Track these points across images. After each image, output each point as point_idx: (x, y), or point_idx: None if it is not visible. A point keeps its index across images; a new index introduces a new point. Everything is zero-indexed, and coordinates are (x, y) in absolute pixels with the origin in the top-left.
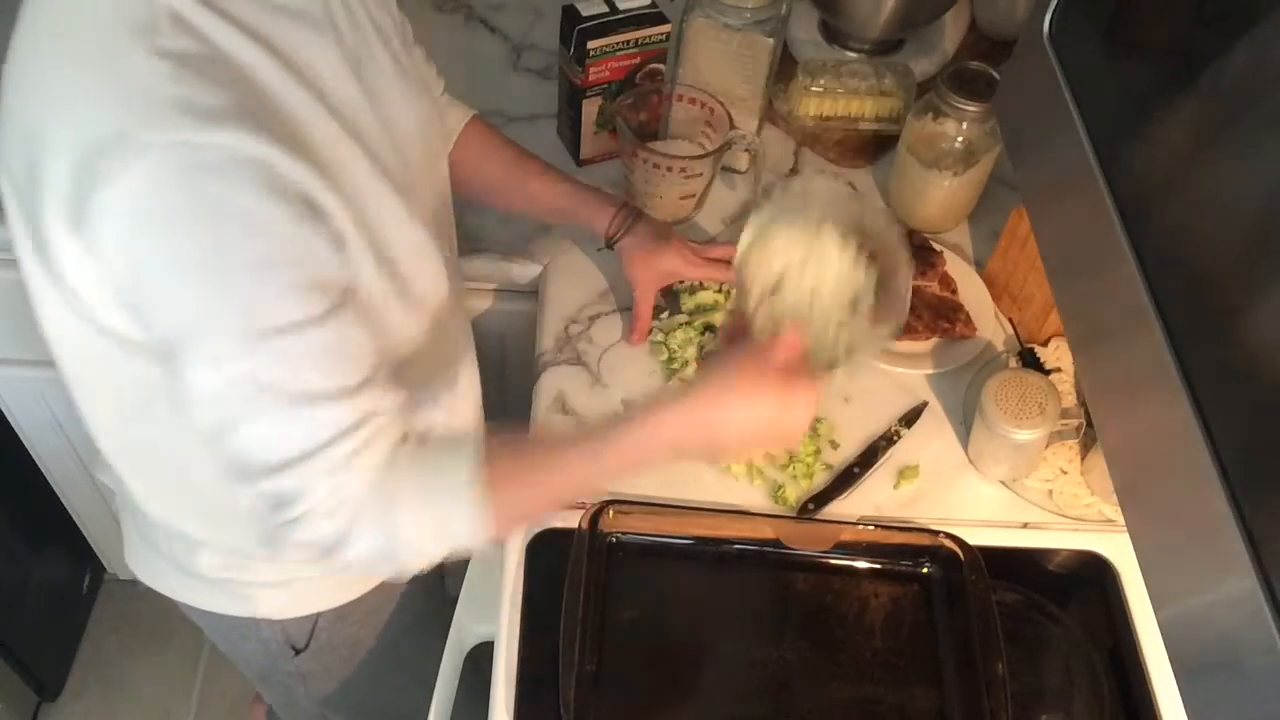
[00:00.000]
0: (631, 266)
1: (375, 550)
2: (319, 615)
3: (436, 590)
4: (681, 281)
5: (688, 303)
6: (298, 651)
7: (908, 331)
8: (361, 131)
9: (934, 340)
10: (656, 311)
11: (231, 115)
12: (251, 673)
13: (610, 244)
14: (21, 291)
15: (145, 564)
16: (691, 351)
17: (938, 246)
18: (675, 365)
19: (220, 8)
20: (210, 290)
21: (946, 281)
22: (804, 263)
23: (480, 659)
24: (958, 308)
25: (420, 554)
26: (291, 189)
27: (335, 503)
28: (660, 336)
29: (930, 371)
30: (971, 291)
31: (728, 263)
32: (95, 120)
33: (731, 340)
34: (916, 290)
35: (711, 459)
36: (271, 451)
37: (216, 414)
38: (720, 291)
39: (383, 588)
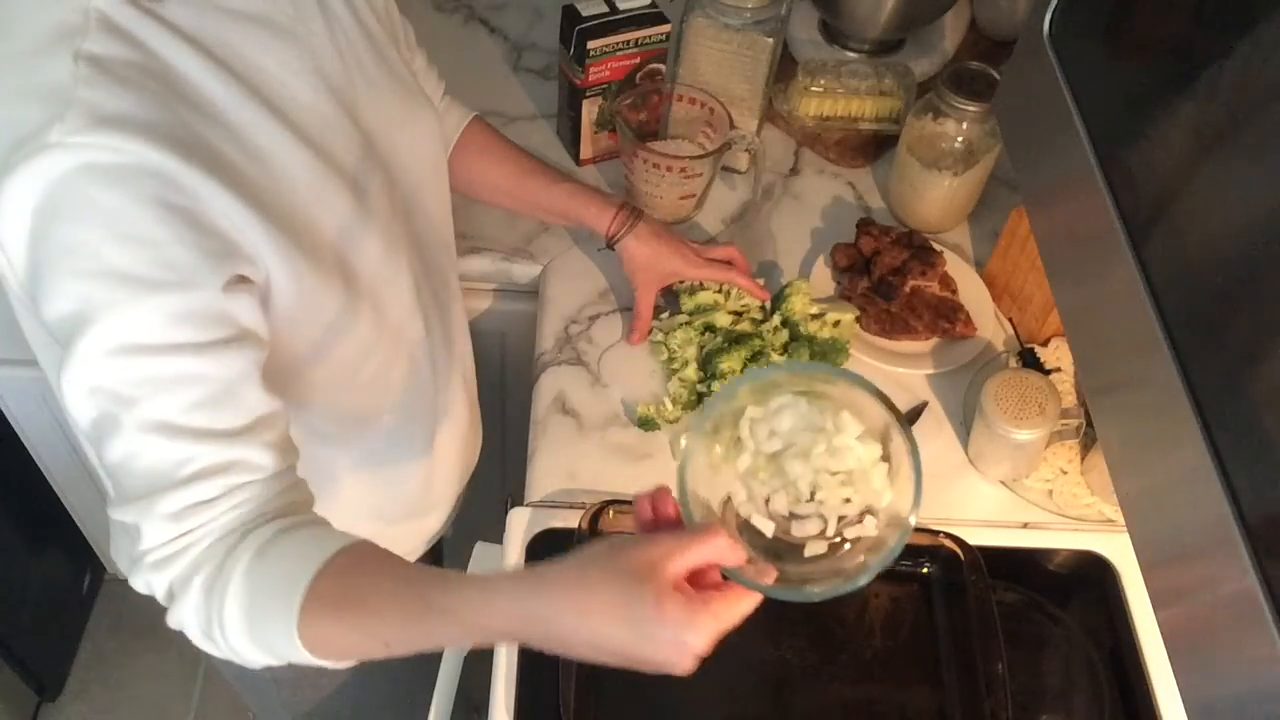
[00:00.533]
0: (632, 266)
1: (196, 629)
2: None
3: None
4: (682, 281)
5: (688, 303)
6: None
7: (907, 331)
8: (319, 138)
9: (934, 340)
10: (656, 311)
11: (142, 125)
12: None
13: (611, 244)
14: None
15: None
16: (691, 351)
17: (938, 247)
18: (675, 365)
19: (156, 13)
20: (90, 293)
21: (947, 282)
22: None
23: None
24: (958, 308)
25: (237, 654)
26: (199, 213)
27: (169, 554)
28: (660, 336)
29: (930, 372)
30: (971, 291)
31: (728, 263)
32: (13, 119)
33: (644, 526)
34: (917, 290)
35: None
36: (125, 477)
37: (83, 420)
38: (720, 291)
39: None
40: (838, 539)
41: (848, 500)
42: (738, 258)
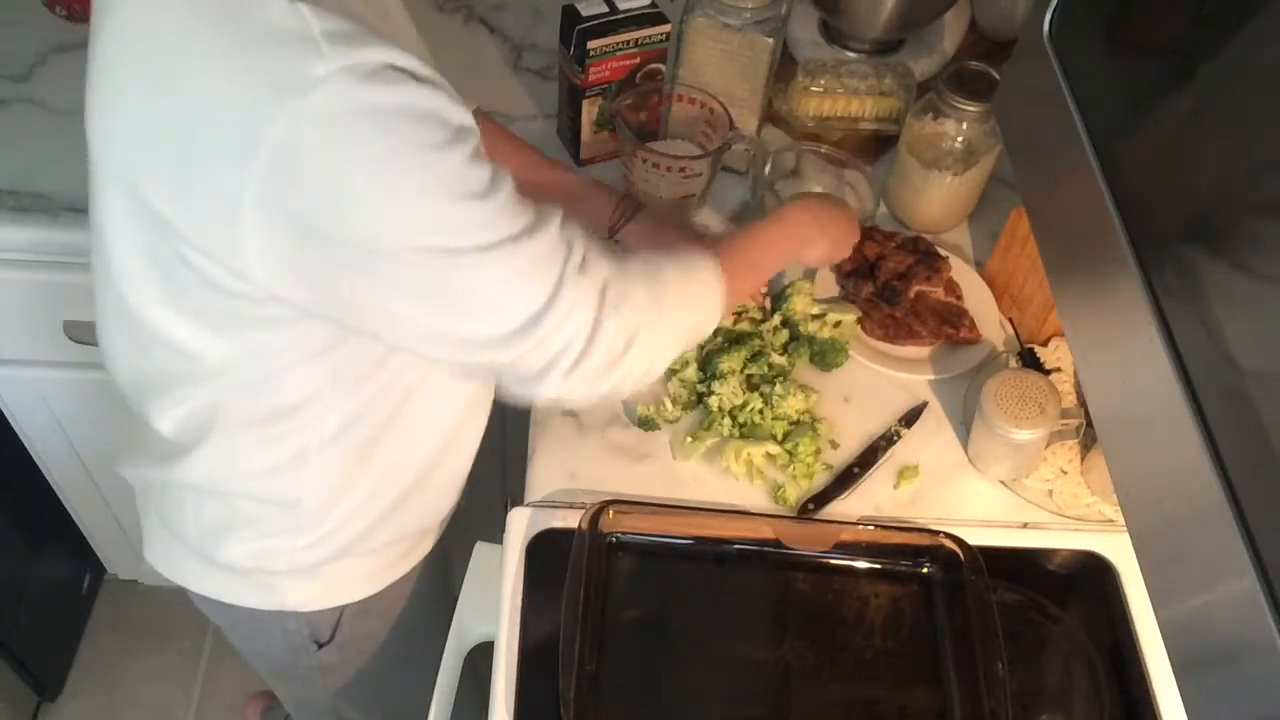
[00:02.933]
0: (630, 243)
1: (653, 344)
2: (344, 608)
3: (444, 589)
4: None
5: None
6: (321, 645)
7: (911, 336)
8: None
9: (937, 345)
10: None
11: (365, 35)
12: (268, 667)
13: (613, 233)
14: (21, 291)
15: (168, 557)
16: (691, 352)
17: (943, 252)
18: (675, 365)
19: None
20: (420, 177)
21: (951, 287)
22: None
23: (480, 659)
24: (962, 313)
25: (690, 338)
26: (428, 78)
27: (609, 301)
28: None
29: (933, 377)
30: (976, 297)
31: None
32: (251, 78)
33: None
34: (921, 296)
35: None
36: (535, 293)
37: (466, 298)
38: None
39: (402, 584)
40: None
41: None
42: None
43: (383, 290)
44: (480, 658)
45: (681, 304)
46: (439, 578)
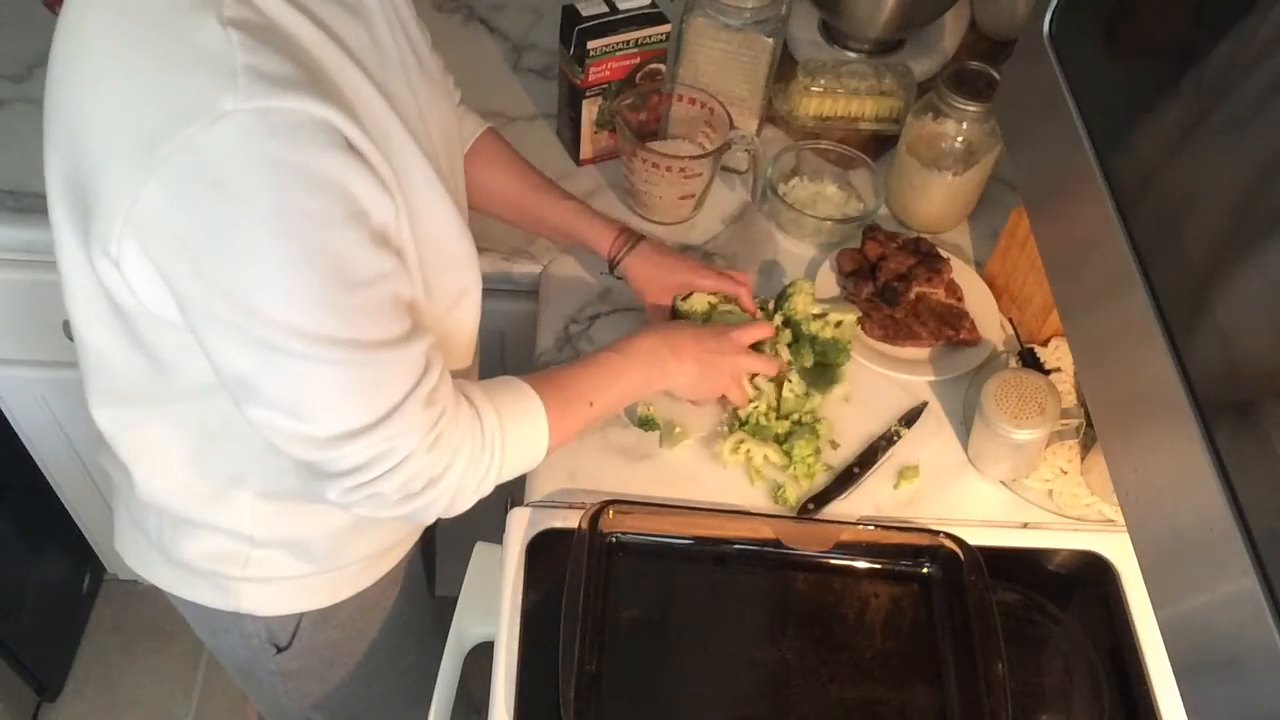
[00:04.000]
0: (638, 285)
1: (461, 485)
2: (302, 615)
3: (420, 599)
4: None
5: (682, 308)
6: (280, 650)
7: (911, 338)
8: (406, 115)
9: (937, 346)
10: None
11: (295, 81)
12: (233, 666)
13: (612, 267)
14: (21, 291)
15: (134, 550)
16: None
17: (944, 254)
18: None
19: None
20: (296, 248)
21: (952, 289)
22: None
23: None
24: (963, 315)
25: (498, 479)
26: (352, 149)
27: (434, 438)
28: None
29: (933, 378)
30: (976, 298)
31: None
32: (165, 92)
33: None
34: (922, 297)
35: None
36: (362, 411)
37: (290, 388)
38: (715, 295)
39: (367, 594)
40: None
41: None
42: (742, 277)
43: (221, 338)
44: (471, 660)
45: (498, 452)
46: (414, 588)
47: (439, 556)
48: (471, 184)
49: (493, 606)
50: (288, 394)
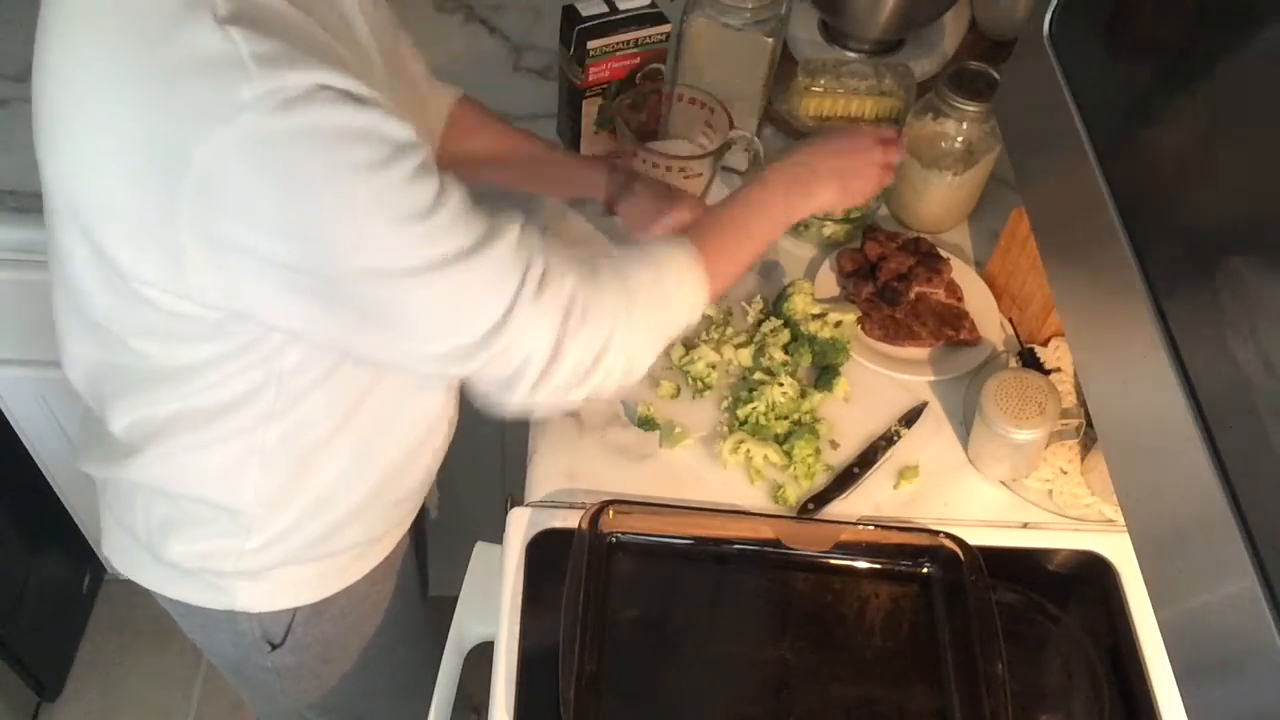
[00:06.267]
0: (636, 229)
1: (630, 349)
2: (296, 610)
3: (412, 595)
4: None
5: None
6: (274, 646)
7: (911, 338)
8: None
9: (937, 346)
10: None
11: (296, 56)
12: (226, 666)
13: (611, 209)
14: (21, 291)
15: (121, 552)
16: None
17: (944, 254)
18: (677, 362)
19: None
20: (358, 199)
21: (952, 289)
22: None
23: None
24: (963, 315)
25: (668, 336)
26: (364, 98)
27: (581, 310)
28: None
29: (933, 378)
30: (977, 298)
31: None
32: (178, 100)
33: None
34: (922, 297)
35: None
36: (492, 305)
37: (416, 317)
38: (714, 347)
39: (358, 588)
40: None
41: None
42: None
43: (328, 310)
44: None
45: (655, 303)
46: (406, 583)
47: (437, 556)
48: (457, 153)
49: (493, 606)
50: (413, 322)
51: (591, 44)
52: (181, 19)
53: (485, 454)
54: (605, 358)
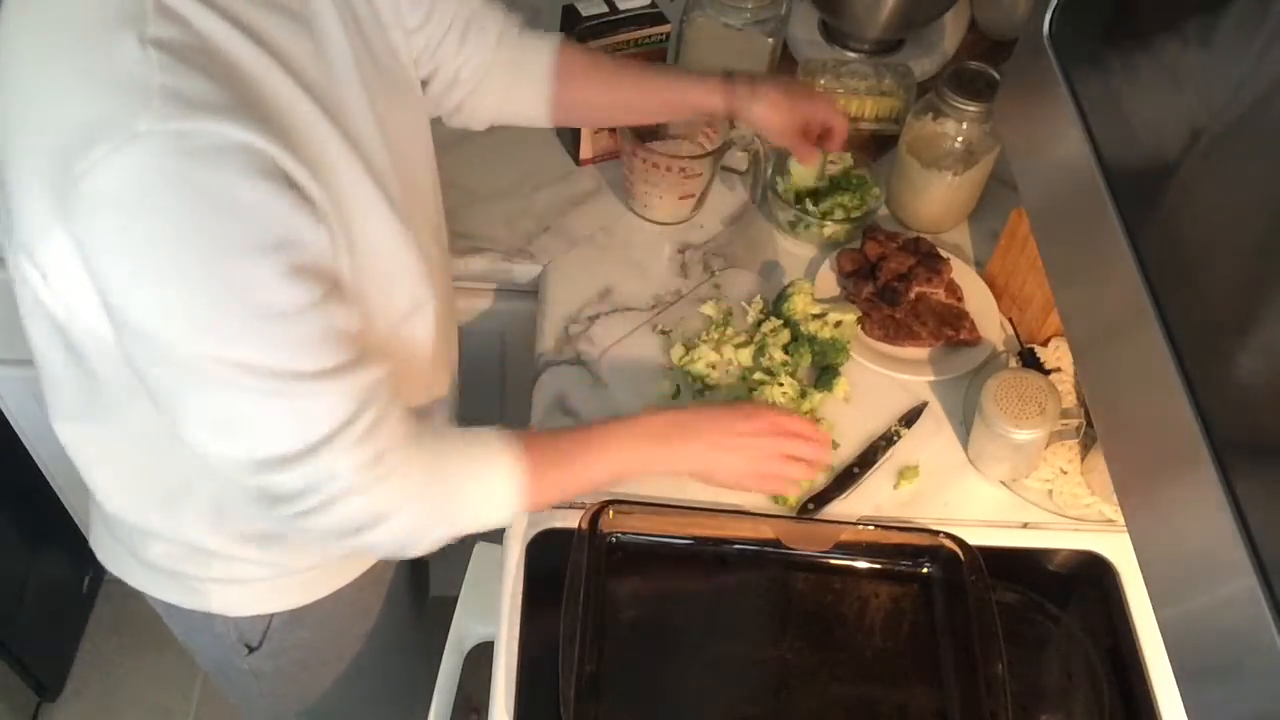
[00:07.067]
0: (770, 133)
1: (408, 528)
2: (273, 616)
3: (400, 603)
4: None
5: (682, 363)
6: (251, 649)
7: (911, 337)
8: (353, 128)
9: (937, 347)
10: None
11: (218, 104)
12: (209, 666)
13: (735, 119)
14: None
15: (106, 550)
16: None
17: (944, 254)
18: (678, 361)
19: None
20: (208, 275)
21: (952, 289)
22: None
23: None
24: (963, 315)
25: (453, 531)
26: (281, 175)
27: (374, 477)
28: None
29: (933, 378)
30: (977, 299)
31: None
32: (82, 109)
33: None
34: (922, 297)
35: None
36: (289, 439)
37: (216, 409)
38: (715, 350)
39: (342, 595)
40: None
41: None
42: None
43: (147, 358)
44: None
45: (455, 502)
46: (395, 592)
47: (437, 556)
48: (580, 106)
49: (493, 606)
50: (214, 416)
51: (591, 44)
52: (113, 28)
53: None
54: (384, 524)
